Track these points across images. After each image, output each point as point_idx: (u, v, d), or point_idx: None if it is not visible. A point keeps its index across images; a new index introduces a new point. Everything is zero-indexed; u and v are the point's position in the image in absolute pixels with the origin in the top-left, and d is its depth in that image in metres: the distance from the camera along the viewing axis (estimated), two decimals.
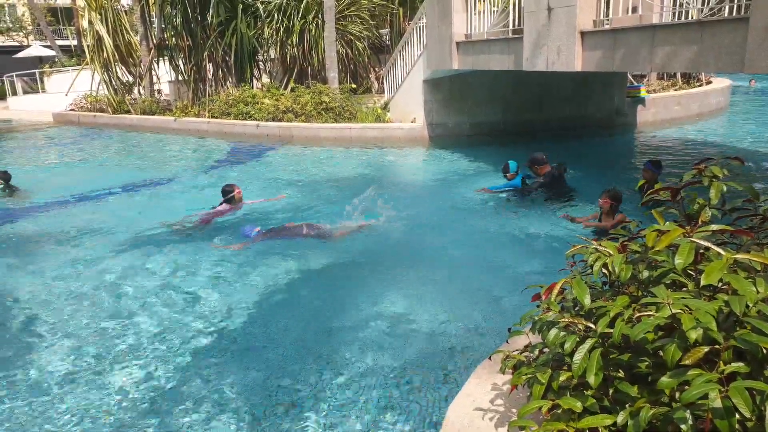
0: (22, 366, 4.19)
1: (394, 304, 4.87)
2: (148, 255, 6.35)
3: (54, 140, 17.23)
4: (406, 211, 7.63)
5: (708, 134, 13.68)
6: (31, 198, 9.40)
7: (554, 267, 2.90)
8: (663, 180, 6.86)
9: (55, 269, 6.10)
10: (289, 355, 4.17)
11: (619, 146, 12.84)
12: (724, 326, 1.70)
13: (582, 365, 1.81)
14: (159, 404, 3.66)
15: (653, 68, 6.36)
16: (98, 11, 18.03)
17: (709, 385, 1.51)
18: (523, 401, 2.16)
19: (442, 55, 10.98)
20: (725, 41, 5.29)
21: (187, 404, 3.64)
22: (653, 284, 1.98)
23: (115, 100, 18.77)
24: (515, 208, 7.57)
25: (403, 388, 3.69)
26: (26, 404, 3.73)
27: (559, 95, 13.26)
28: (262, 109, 14.72)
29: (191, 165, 12.16)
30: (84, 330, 4.70)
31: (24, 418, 3.58)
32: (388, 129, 13.22)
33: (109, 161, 13.42)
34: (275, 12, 16.39)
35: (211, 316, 4.84)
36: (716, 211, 2.34)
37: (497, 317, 4.59)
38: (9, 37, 38.91)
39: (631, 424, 1.65)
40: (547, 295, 2.19)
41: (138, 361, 4.18)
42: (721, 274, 1.74)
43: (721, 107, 16.79)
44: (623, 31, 6.52)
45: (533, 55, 7.99)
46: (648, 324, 1.72)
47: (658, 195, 2.42)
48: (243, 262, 6.01)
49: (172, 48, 17.87)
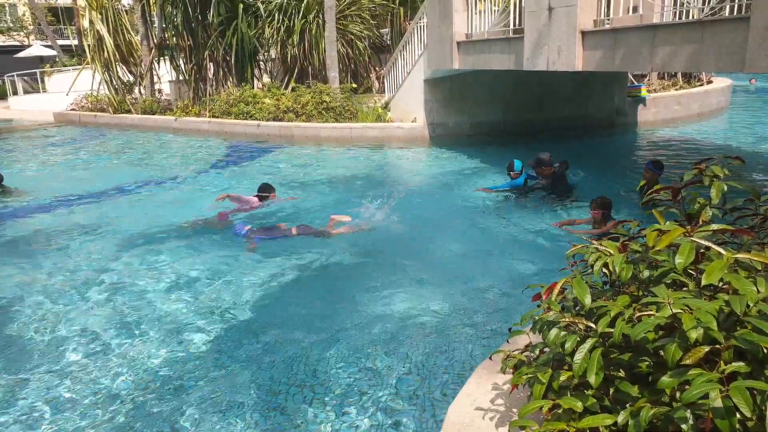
0: (29, 364, 4.20)
1: (394, 304, 4.87)
2: (155, 253, 6.37)
3: (55, 140, 17.22)
4: (407, 210, 7.64)
5: (709, 134, 13.67)
6: (28, 197, 9.39)
7: (555, 267, 2.90)
8: (664, 180, 6.86)
9: (53, 267, 6.11)
10: (292, 354, 4.17)
11: (620, 146, 12.83)
12: (725, 326, 1.70)
13: (582, 365, 1.81)
14: (166, 401, 3.67)
15: (654, 68, 6.36)
16: (99, 11, 18.03)
17: (710, 384, 1.51)
18: (524, 401, 2.16)
19: (443, 54, 10.97)
20: (726, 41, 5.29)
21: (196, 400, 3.64)
22: (654, 284, 1.98)
23: (116, 100, 18.77)
24: (516, 208, 7.58)
25: (402, 387, 3.69)
26: (33, 402, 3.74)
27: (559, 95, 13.25)
28: (263, 109, 14.72)
29: (192, 165, 12.15)
30: (88, 326, 4.71)
31: (34, 415, 3.59)
32: (388, 129, 13.22)
33: (110, 161, 13.42)
34: (276, 11, 16.39)
35: (217, 314, 4.85)
36: (717, 211, 2.34)
37: (498, 317, 4.59)
38: (10, 36, 38.94)
39: (631, 423, 1.65)
40: (547, 294, 2.19)
41: (144, 357, 4.19)
42: (722, 273, 1.74)
43: (722, 107, 16.78)
44: (624, 31, 6.51)
45: (534, 54, 7.99)
46: (648, 324, 1.72)
47: (658, 195, 2.42)
48: (249, 260, 6.02)
49: (173, 47, 17.86)
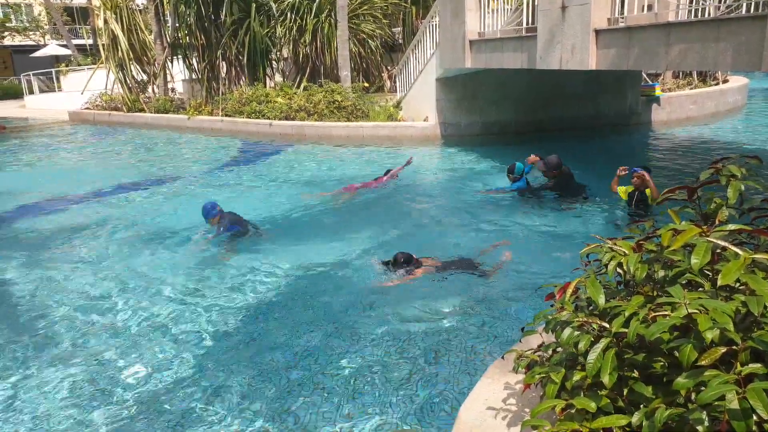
0: (39, 361, 4.25)
1: (403, 303, 4.86)
2: (170, 251, 6.43)
3: (69, 138, 17.42)
4: (418, 209, 7.63)
5: (724, 133, 13.51)
6: (44, 196, 9.51)
7: (568, 267, 2.88)
8: (678, 180, 6.79)
9: (68, 266, 6.18)
10: (300, 351, 4.19)
11: (633, 145, 12.72)
12: (742, 327, 1.68)
13: (596, 365, 1.80)
14: (175, 398, 3.69)
15: (668, 66, 6.30)
16: (113, 10, 18.21)
17: (726, 386, 1.49)
18: (536, 401, 2.15)
19: (455, 53, 10.94)
20: (742, 39, 5.23)
21: (209, 396, 3.67)
22: (669, 284, 1.96)
23: (130, 99, 18.94)
24: (527, 208, 7.53)
25: (414, 386, 3.69)
26: (43, 400, 3.78)
27: (572, 94, 13.16)
28: (275, 108, 14.78)
29: (206, 163, 12.23)
30: (101, 323, 4.76)
31: (44, 410, 3.63)
32: (400, 128, 13.21)
33: (126, 159, 13.54)
34: (288, 11, 16.45)
35: (229, 311, 4.88)
36: (734, 211, 2.31)
37: (510, 316, 4.57)
38: (26, 36, 39.40)
39: (646, 424, 1.63)
40: (560, 294, 2.18)
41: (156, 354, 4.22)
42: (739, 274, 1.72)
43: (738, 106, 16.58)
44: (638, 29, 6.46)
45: (547, 53, 7.94)
46: (663, 324, 1.70)
47: (674, 194, 2.40)
48: (253, 259, 6.04)
49: (186, 47, 17.99)
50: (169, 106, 18.29)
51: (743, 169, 2.30)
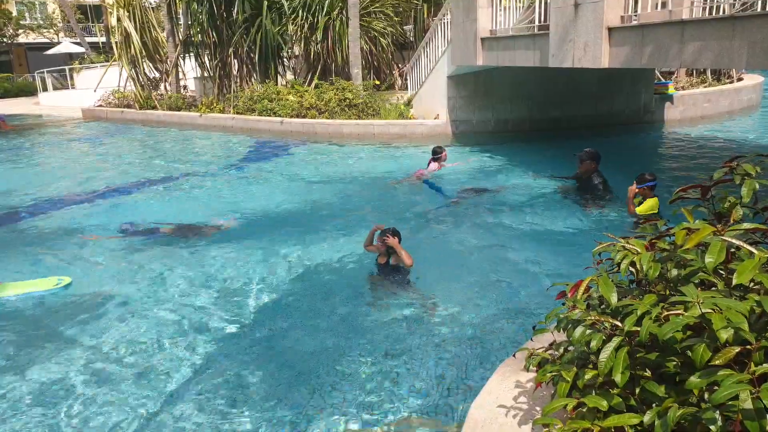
0: (51, 364, 4.30)
1: (415, 302, 4.87)
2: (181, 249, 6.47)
3: (83, 135, 17.57)
4: (427, 207, 7.62)
5: (739, 131, 13.36)
6: (57, 192, 9.61)
7: (580, 265, 2.88)
8: (691, 179, 6.72)
9: (81, 263, 6.24)
10: (312, 350, 4.21)
11: (647, 144, 12.61)
12: (756, 327, 1.67)
13: (608, 364, 1.79)
14: (183, 397, 3.73)
15: (682, 64, 6.24)
16: (126, 8, 18.33)
17: (740, 385, 1.49)
18: (547, 399, 2.15)
19: (467, 50, 10.91)
20: (758, 36, 5.17)
21: (225, 395, 3.70)
22: (682, 283, 1.95)
23: (142, 96, 19.08)
24: (540, 205, 7.50)
25: (424, 384, 3.70)
26: (57, 401, 3.83)
27: (585, 92, 13.08)
28: (286, 106, 14.81)
29: (219, 160, 12.30)
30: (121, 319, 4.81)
31: (57, 413, 3.68)
32: (411, 125, 13.20)
33: (139, 156, 13.64)
34: (300, 8, 16.47)
35: (239, 312, 4.91)
36: (748, 210, 2.29)
37: (521, 315, 4.56)
38: (40, 34, 39.79)
39: (658, 423, 1.63)
40: (572, 292, 2.17)
41: (170, 351, 4.26)
42: (753, 273, 1.70)
43: (753, 104, 16.39)
44: (652, 27, 6.40)
45: (559, 51, 7.90)
46: (677, 323, 1.69)
47: (687, 193, 2.38)
48: (262, 260, 6.07)
49: (198, 44, 18.08)
50: (181, 103, 18.40)
51: (758, 167, 2.28)
